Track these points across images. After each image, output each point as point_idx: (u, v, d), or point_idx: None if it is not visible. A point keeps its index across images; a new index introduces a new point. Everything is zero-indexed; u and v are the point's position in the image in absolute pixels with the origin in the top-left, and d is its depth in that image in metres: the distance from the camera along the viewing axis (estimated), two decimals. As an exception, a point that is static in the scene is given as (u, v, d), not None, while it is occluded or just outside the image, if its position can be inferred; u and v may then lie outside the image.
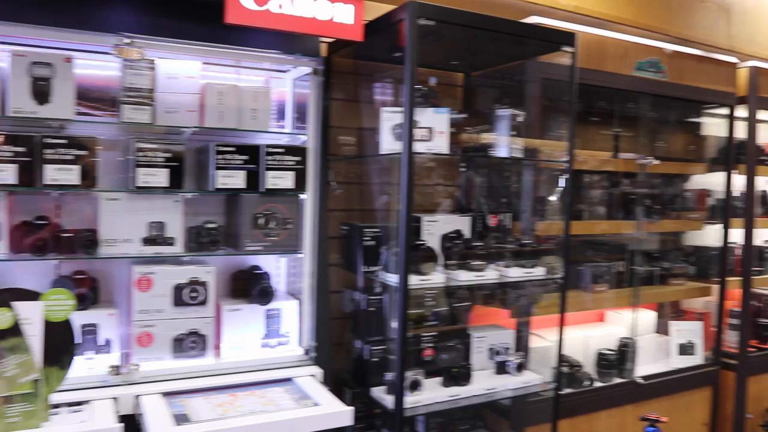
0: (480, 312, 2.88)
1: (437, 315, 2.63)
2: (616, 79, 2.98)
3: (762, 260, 3.89)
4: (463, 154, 2.59)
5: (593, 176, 3.24)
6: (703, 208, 3.63)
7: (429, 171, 2.86)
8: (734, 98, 3.46)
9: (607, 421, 3.16)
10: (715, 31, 3.21)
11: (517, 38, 2.39)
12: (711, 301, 3.66)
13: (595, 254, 3.35)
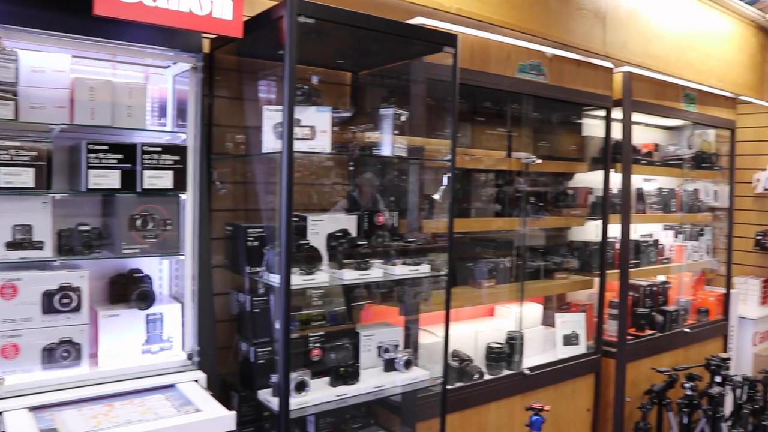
0: (370, 310, 2.90)
1: (325, 315, 2.64)
2: (499, 80, 3.08)
3: (639, 254, 4.13)
4: (346, 153, 2.59)
5: (480, 174, 3.33)
6: (585, 205, 3.82)
7: (316, 170, 2.84)
8: (610, 101, 3.66)
9: (497, 412, 3.25)
10: (591, 37, 3.37)
11: (401, 38, 2.41)
12: (594, 293, 3.86)
13: (483, 251, 3.44)
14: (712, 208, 4.93)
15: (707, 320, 4.62)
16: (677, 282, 4.57)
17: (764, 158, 5.50)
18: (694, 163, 4.63)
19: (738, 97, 4.73)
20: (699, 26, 4.18)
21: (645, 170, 4.12)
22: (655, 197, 4.31)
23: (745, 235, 5.47)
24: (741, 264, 5.52)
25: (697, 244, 4.65)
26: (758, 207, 5.49)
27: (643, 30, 3.71)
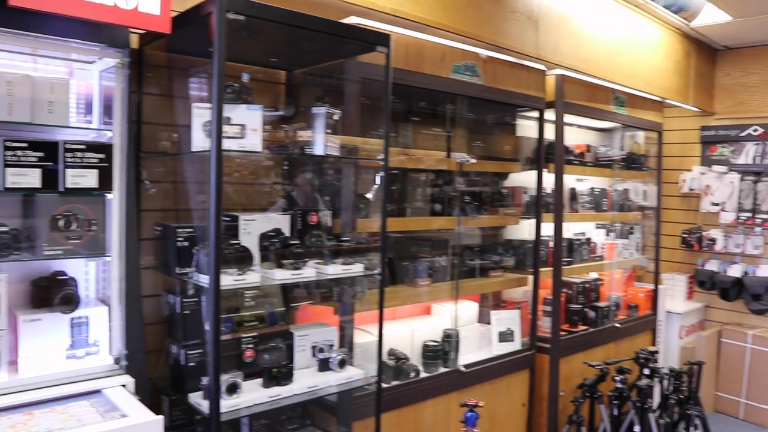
0: (306, 311, 2.89)
1: (261, 316, 2.61)
2: (434, 80, 3.11)
3: (572, 252, 4.25)
4: (278, 153, 2.57)
5: (417, 174, 3.36)
6: (520, 204, 3.90)
7: (253, 169, 2.81)
8: (543, 102, 3.75)
9: (433, 410, 3.28)
10: (524, 40, 3.44)
11: (335, 37, 2.40)
12: (528, 291, 3.94)
13: (420, 250, 3.47)
14: (641, 208, 5.11)
15: (637, 315, 4.79)
16: (609, 279, 4.71)
17: (690, 159, 5.75)
18: (625, 164, 4.79)
19: (665, 100, 4.91)
20: (628, 32, 4.32)
21: (577, 170, 4.24)
22: (587, 197, 4.43)
23: (672, 233, 5.71)
24: (668, 261, 5.75)
25: (627, 242, 4.81)
26: (684, 206, 5.74)
27: (574, 34, 3.80)
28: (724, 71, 5.58)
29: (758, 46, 5.37)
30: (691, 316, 5.47)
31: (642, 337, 4.85)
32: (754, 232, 5.30)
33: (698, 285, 5.57)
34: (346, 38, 2.43)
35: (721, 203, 5.37)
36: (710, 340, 5.27)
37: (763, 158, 5.35)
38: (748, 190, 5.25)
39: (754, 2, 4.33)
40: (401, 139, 3.32)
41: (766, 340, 5.10)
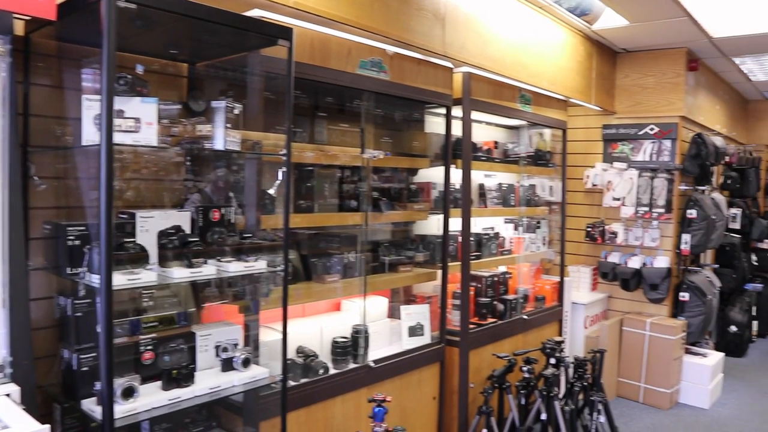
0: (212, 310, 2.81)
1: (166, 317, 2.52)
2: (340, 76, 3.10)
3: (481, 246, 4.34)
4: (176, 147, 2.49)
5: (325, 170, 3.33)
6: (429, 200, 3.95)
7: (148, 164, 2.70)
8: (451, 99, 3.80)
9: (343, 406, 3.28)
10: (431, 37, 3.48)
11: (235, 30, 2.35)
12: (438, 285, 4.00)
13: (328, 246, 3.45)
14: (548, 203, 5.28)
15: (544, 307, 4.95)
16: (517, 272, 4.85)
17: (593, 156, 6.00)
18: (531, 160, 4.94)
19: (569, 99, 5.10)
20: (533, 32, 4.45)
21: (485, 166, 4.34)
22: (495, 192, 4.54)
23: (577, 227, 5.94)
24: (574, 254, 5.98)
25: (534, 236, 4.97)
26: (588, 201, 5.99)
27: (481, 33, 3.88)
28: (624, 73, 5.85)
29: (654, 49, 5.66)
30: (595, 307, 5.72)
31: (549, 328, 5.02)
32: (652, 225, 5.60)
33: (601, 276, 5.82)
34: (247, 31, 2.38)
35: (622, 198, 5.64)
36: (612, 328, 5.51)
37: (659, 155, 5.66)
38: (646, 186, 5.53)
39: (648, 8, 4.55)
40: (305, 135, 3.29)
41: (662, 327, 5.40)
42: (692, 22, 4.81)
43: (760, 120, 8.62)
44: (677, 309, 5.72)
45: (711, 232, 5.70)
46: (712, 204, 5.77)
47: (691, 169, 5.65)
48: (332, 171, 3.41)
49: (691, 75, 5.78)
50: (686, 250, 5.58)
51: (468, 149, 3.93)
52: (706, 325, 5.79)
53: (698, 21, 4.80)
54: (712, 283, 6.01)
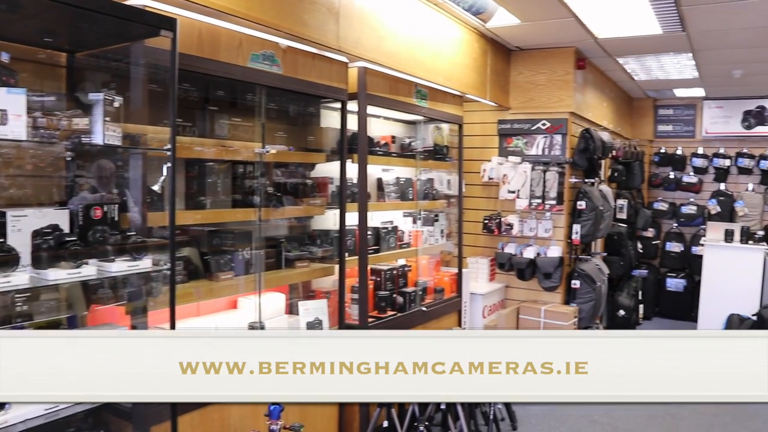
0: (98, 313, 2.69)
1: (54, 321, 2.39)
2: (230, 69, 3.03)
3: (380, 240, 4.37)
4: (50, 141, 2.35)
5: (217, 165, 3.26)
6: (326, 195, 3.93)
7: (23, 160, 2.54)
8: (346, 94, 3.80)
9: (240, 406, 3.21)
10: (325, 31, 3.46)
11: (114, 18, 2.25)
12: (337, 280, 4.00)
13: (223, 243, 3.38)
14: (446, 196, 5.39)
15: (443, 298, 5.05)
16: (417, 265, 4.92)
17: (490, 151, 6.18)
18: (429, 155, 5.03)
19: (464, 95, 5.22)
20: (429, 29, 4.52)
21: (382, 161, 4.38)
22: (393, 186, 4.59)
23: (475, 219, 6.10)
24: (472, 246, 6.15)
25: (433, 229, 5.06)
26: (485, 194, 6.17)
27: (376, 28, 3.90)
28: (518, 70, 6.06)
29: (545, 48, 5.89)
30: (493, 296, 5.91)
31: (448, 318, 5.14)
32: (545, 216, 5.84)
33: (499, 267, 6.02)
34: (126, 20, 2.28)
35: (516, 191, 5.84)
36: (510, 317, 5.72)
37: (550, 150, 5.90)
38: (539, 179, 5.76)
39: (537, 8, 4.73)
40: (199, 129, 3.20)
41: (555, 313, 5.65)
42: (578, 23, 5.04)
43: (644, 116, 9.17)
44: (569, 296, 5.99)
45: (599, 223, 6.01)
46: (600, 196, 6.08)
47: (580, 162, 5.93)
48: (225, 166, 3.33)
49: (580, 73, 6.06)
50: (577, 239, 5.86)
51: (363, 144, 3.94)
52: (596, 310, 6.11)
53: (584, 22, 5.03)
54: (601, 271, 6.34)
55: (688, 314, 8.16)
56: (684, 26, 5.07)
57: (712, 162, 8.78)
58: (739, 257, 7.25)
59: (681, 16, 4.81)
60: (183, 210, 3.13)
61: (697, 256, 7.95)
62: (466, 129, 5.61)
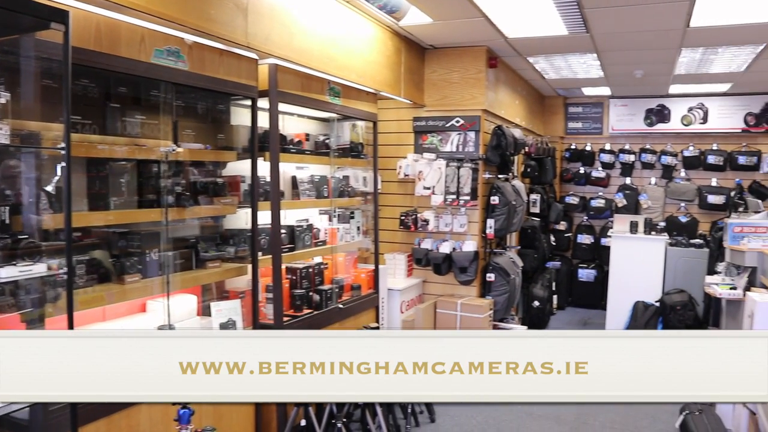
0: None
1: None
2: (132, 65, 2.93)
3: (295, 238, 4.35)
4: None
5: (121, 164, 3.15)
6: (238, 193, 3.87)
7: None
8: (256, 91, 3.75)
9: (149, 412, 3.13)
10: (233, 27, 3.40)
11: (0, 10, 2.14)
12: (258, 280, 3.94)
13: (129, 245, 3.27)
14: (363, 193, 5.41)
15: (360, 295, 5.08)
16: (333, 262, 4.93)
17: (405, 148, 6.26)
18: (344, 152, 5.04)
19: (379, 93, 5.26)
20: (342, 26, 4.52)
21: (295, 159, 4.35)
22: (308, 184, 4.57)
23: (392, 215, 6.17)
24: (389, 242, 6.21)
25: (348, 226, 5.07)
26: (402, 191, 6.24)
27: (287, 24, 3.87)
28: (432, 68, 6.15)
29: (458, 47, 6.01)
30: (410, 292, 5.98)
31: (366, 315, 5.17)
32: (460, 212, 5.96)
33: (416, 262, 6.10)
34: (11, 11, 2.16)
35: (432, 187, 5.94)
36: (427, 311, 5.81)
37: (464, 146, 6.03)
38: (453, 175, 5.87)
39: (448, 8, 4.82)
40: (101, 127, 3.07)
41: (471, 306, 5.78)
42: (489, 22, 5.16)
43: (555, 114, 9.51)
44: (485, 289, 6.15)
45: (512, 217, 6.19)
46: (512, 191, 6.27)
47: (493, 158, 6.08)
48: (131, 165, 3.22)
49: (492, 72, 6.22)
50: (491, 234, 6.01)
51: (275, 142, 3.90)
52: (511, 302, 6.29)
53: (494, 22, 5.16)
54: (515, 264, 6.53)
55: (598, 303, 8.54)
56: (587, 28, 5.28)
57: (618, 157, 9.21)
58: (643, 247, 7.63)
59: (584, 18, 5.01)
60: (86, 211, 3.00)
61: (606, 248, 8.31)
62: (381, 126, 5.66)
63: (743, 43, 5.77)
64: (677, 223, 8.67)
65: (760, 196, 8.37)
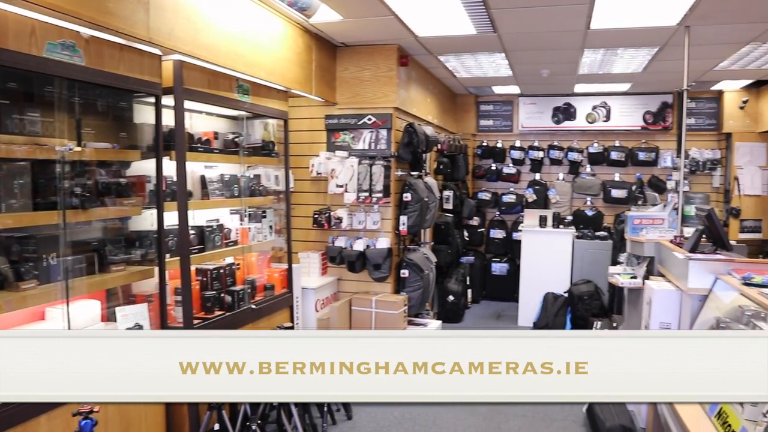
0: None
1: None
2: (22, 59, 2.77)
3: (204, 239, 4.25)
4: None
5: (11, 164, 2.97)
6: (143, 194, 3.74)
7: None
8: (160, 88, 3.63)
9: (48, 425, 2.98)
10: (134, 21, 3.28)
11: None
12: (165, 283, 3.82)
13: (24, 249, 3.09)
14: (275, 192, 5.35)
15: (274, 294, 5.02)
16: (246, 262, 4.85)
17: (318, 146, 6.24)
18: (254, 151, 4.96)
19: (289, 90, 5.21)
20: (250, 22, 4.45)
21: (203, 157, 4.24)
22: (218, 183, 4.47)
23: (305, 214, 6.14)
24: (303, 240, 6.18)
25: (261, 225, 5.00)
26: (315, 189, 6.22)
27: (192, 19, 3.77)
28: (343, 66, 6.15)
29: (369, 45, 6.04)
30: (325, 290, 5.97)
31: (280, 315, 5.12)
32: (373, 209, 6.00)
33: (330, 261, 6.10)
34: None
35: (345, 185, 5.95)
36: (342, 309, 5.81)
37: (376, 144, 6.07)
38: (366, 173, 5.90)
39: (358, 6, 4.83)
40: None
41: (386, 303, 5.83)
42: (399, 21, 5.21)
43: (467, 112, 9.73)
44: (399, 285, 6.22)
45: (425, 213, 6.29)
46: (425, 187, 6.36)
47: (405, 156, 6.15)
48: (24, 165, 3.05)
49: (403, 70, 6.29)
50: (404, 230, 6.08)
51: (181, 140, 3.80)
52: (425, 298, 6.39)
53: (404, 21, 5.22)
54: (428, 259, 6.64)
55: (511, 295, 8.80)
56: (495, 28, 5.43)
57: (528, 154, 9.53)
58: (552, 241, 7.95)
59: (491, 18, 5.15)
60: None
61: (518, 242, 8.60)
62: (293, 124, 5.61)
63: (640, 45, 6.10)
64: (584, 216, 9.06)
65: (658, 189, 8.90)
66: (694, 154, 8.85)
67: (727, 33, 5.57)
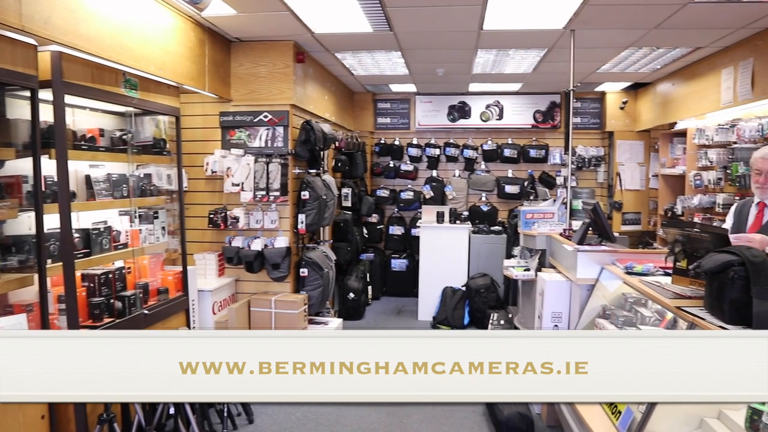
0: None
1: None
2: None
3: (90, 242, 4.00)
4: None
5: None
6: (19, 196, 3.47)
7: None
8: (36, 81, 3.37)
9: None
10: (3, 7, 3.03)
11: None
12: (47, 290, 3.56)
13: None
14: (168, 191, 5.13)
15: (168, 298, 4.82)
16: (137, 266, 4.62)
17: (213, 144, 6.06)
18: (144, 149, 4.73)
19: (181, 86, 5.01)
20: (137, 13, 4.23)
21: (88, 156, 3.99)
22: (104, 183, 4.23)
23: (200, 214, 5.94)
24: (199, 241, 5.98)
25: (152, 226, 4.78)
26: (210, 188, 6.03)
27: (72, 8, 3.53)
28: (238, 61, 6.00)
29: (265, 40, 5.92)
30: (222, 291, 5.81)
31: (176, 319, 4.92)
32: (270, 208, 5.90)
33: (227, 261, 5.94)
34: None
35: (241, 183, 5.80)
36: (240, 310, 5.67)
37: (273, 142, 5.96)
38: (262, 171, 5.78)
39: (252, 0, 4.72)
40: None
41: (285, 302, 5.75)
42: (295, 17, 5.14)
43: (364, 110, 9.77)
44: (299, 284, 6.14)
45: (324, 211, 6.24)
46: (323, 185, 6.32)
47: (302, 153, 6.08)
48: None
49: (300, 66, 6.21)
50: (302, 229, 6.02)
51: (62, 138, 3.55)
52: (325, 296, 6.35)
53: (300, 17, 5.15)
54: (328, 257, 6.60)
55: (411, 291, 8.94)
56: (391, 26, 5.47)
57: (425, 151, 9.70)
58: (449, 236, 8.13)
59: (387, 17, 5.18)
60: None
61: (416, 238, 8.74)
62: (186, 121, 5.41)
63: (530, 46, 6.34)
64: (479, 212, 9.34)
65: (548, 185, 9.31)
66: (580, 151, 9.34)
67: (608, 38, 5.90)
